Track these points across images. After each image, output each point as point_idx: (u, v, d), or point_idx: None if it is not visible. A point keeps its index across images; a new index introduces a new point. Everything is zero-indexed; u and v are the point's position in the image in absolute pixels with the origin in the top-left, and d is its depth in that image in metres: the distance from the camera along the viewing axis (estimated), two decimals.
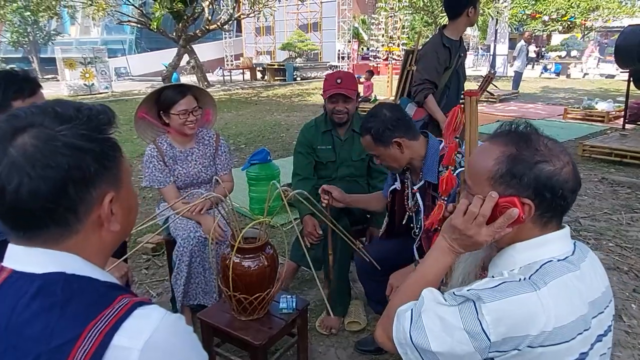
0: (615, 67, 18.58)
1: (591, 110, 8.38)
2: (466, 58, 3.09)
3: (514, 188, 0.87)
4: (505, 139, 0.90)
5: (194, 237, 2.13)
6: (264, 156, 3.73)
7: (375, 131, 1.72)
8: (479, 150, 0.96)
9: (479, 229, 0.89)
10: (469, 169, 0.96)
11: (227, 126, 8.21)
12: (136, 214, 0.80)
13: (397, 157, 1.76)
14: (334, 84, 2.37)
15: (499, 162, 0.88)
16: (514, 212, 0.85)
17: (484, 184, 0.90)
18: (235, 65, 20.07)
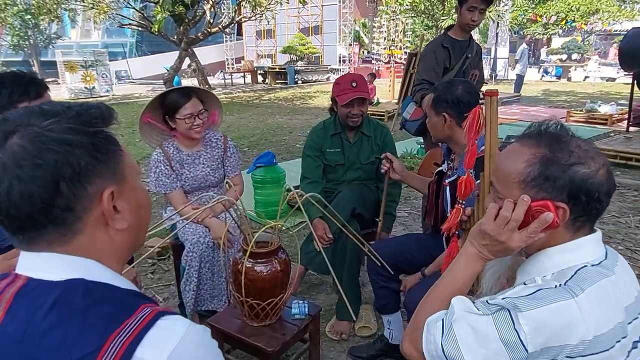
0: (616, 70, 18.69)
1: (594, 113, 8.37)
2: (480, 60, 3.00)
3: (547, 191, 0.84)
4: (537, 140, 0.87)
5: (204, 242, 2.09)
6: (269, 159, 3.70)
7: (438, 95, 1.77)
8: (508, 152, 0.91)
9: (512, 235, 0.86)
10: (496, 172, 0.93)
11: (230, 129, 8.18)
12: (148, 212, 0.76)
13: (438, 128, 1.80)
14: (349, 87, 2.33)
15: (531, 165, 0.85)
16: (548, 217, 0.82)
17: (514, 187, 0.87)
18: (236, 69, 20.07)
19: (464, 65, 2.88)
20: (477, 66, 2.97)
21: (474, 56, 2.93)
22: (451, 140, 1.82)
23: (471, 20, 2.71)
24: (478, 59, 2.98)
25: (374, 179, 2.56)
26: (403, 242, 2.09)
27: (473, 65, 2.92)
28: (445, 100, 1.75)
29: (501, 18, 17.77)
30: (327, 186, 2.53)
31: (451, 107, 1.74)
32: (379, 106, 9.39)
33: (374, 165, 2.52)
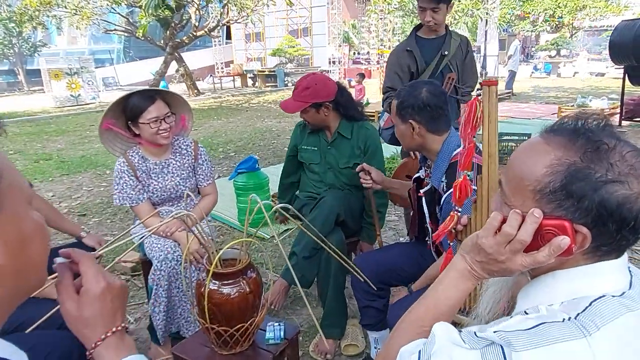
0: (605, 65, 18.72)
1: (585, 108, 8.27)
2: (470, 57, 2.74)
3: (567, 210, 0.66)
4: (567, 140, 0.67)
5: (172, 259, 1.92)
6: (251, 164, 3.53)
7: (402, 102, 1.63)
8: (527, 148, 0.72)
9: (513, 256, 0.70)
10: (508, 171, 0.73)
11: (217, 134, 8.01)
12: (40, 246, 0.58)
13: (407, 137, 1.67)
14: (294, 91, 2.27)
15: (553, 172, 0.66)
16: (562, 242, 0.65)
17: (527, 195, 0.69)
18: (225, 73, 19.87)
19: (441, 65, 2.64)
20: (466, 64, 2.72)
21: (457, 54, 2.67)
22: (423, 148, 1.67)
23: (425, 20, 2.55)
24: (464, 56, 2.72)
25: (358, 186, 2.40)
26: (389, 254, 1.93)
27: (457, 64, 2.67)
28: (410, 106, 1.59)
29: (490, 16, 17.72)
30: (309, 189, 2.38)
31: (417, 112, 1.59)
32: (369, 106, 9.26)
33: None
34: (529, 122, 8.09)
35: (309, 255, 2.13)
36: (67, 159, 6.37)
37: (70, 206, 4.35)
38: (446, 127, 1.64)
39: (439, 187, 1.58)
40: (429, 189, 1.69)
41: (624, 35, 6.12)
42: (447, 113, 1.63)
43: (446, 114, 1.62)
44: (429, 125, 1.60)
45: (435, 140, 1.63)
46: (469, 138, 1.05)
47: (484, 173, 1.03)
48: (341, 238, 2.19)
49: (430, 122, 1.60)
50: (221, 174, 5.32)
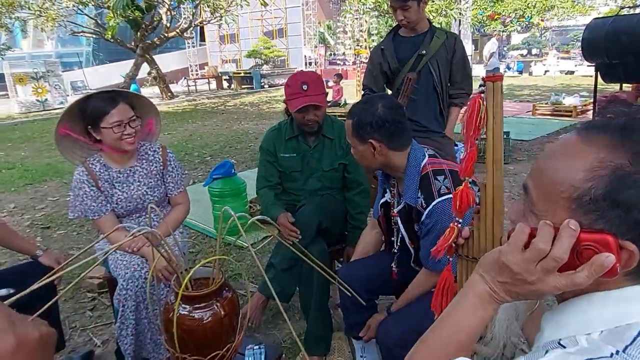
0: (574, 63, 19.19)
1: (559, 105, 8.40)
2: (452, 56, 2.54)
3: (612, 223, 0.55)
4: (613, 139, 0.56)
5: (140, 277, 1.74)
6: (227, 169, 3.36)
7: (357, 121, 1.48)
8: (561, 147, 0.61)
9: (546, 276, 0.58)
10: (537, 174, 0.63)
11: (192, 137, 7.77)
12: None
13: (368, 158, 1.52)
14: (299, 91, 2.02)
15: (595, 177, 0.55)
16: (607, 261, 0.54)
17: (559, 203, 0.58)
18: (200, 75, 19.52)
19: (419, 65, 2.49)
20: (455, 64, 2.55)
21: (439, 53, 2.49)
22: (387, 166, 1.54)
23: (397, 19, 2.44)
24: (450, 55, 2.53)
25: (339, 188, 2.27)
26: (376, 263, 1.81)
27: (438, 64, 2.50)
28: (368, 124, 1.45)
29: (463, 16, 17.93)
30: (287, 198, 2.22)
31: (376, 130, 1.45)
32: (347, 107, 9.19)
33: (339, 172, 2.22)
34: (505, 120, 8.12)
35: (288, 267, 1.99)
36: (32, 167, 6.04)
37: (33, 218, 4.08)
38: (408, 142, 1.52)
39: (416, 204, 1.47)
40: (403, 207, 1.56)
41: (596, 33, 6.18)
42: (407, 126, 1.51)
43: (406, 128, 1.51)
44: (391, 143, 1.47)
45: (399, 157, 1.50)
46: (471, 141, 0.93)
47: (489, 180, 0.91)
48: (323, 248, 2.05)
49: (391, 139, 1.47)
50: (197, 180, 5.12)
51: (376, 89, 2.60)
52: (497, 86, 0.88)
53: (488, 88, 0.89)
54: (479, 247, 0.93)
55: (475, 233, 0.93)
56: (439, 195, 1.40)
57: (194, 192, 4.47)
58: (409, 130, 1.53)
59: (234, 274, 2.84)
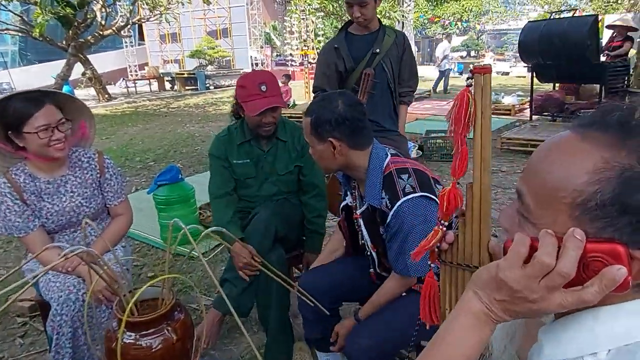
0: (509, 64, 20.31)
1: (498, 104, 8.78)
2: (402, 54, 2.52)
3: (621, 231, 0.49)
4: (615, 136, 0.51)
5: (76, 300, 1.55)
6: (173, 175, 3.16)
7: (316, 119, 1.41)
8: (557, 146, 0.56)
9: (549, 294, 0.51)
10: (532, 178, 0.56)
11: (133, 142, 7.35)
12: None
13: (328, 158, 1.45)
14: (257, 92, 1.89)
15: (601, 180, 0.49)
16: (619, 274, 0.47)
17: (560, 210, 0.52)
18: (140, 76, 18.64)
19: (373, 64, 2.45)
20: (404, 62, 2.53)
21: (391, 51, 2.48)
22: (348, 167, 1.47)
23: (354, 17, 2.38)
24: (400, 53, 2.52)
25: (295, 192, 2.17)
26: (340, 268, 1.72)
27: (391, 62, 2.49)
28: (327, 122, 1.38)
29: (406, 18, 18.42)
30: (241, 205, 2.09)
31: (336, 128, 1.39)
32: (296, 108, 9.10)
33: (294, 175, 2.12)
34: None
35: (245, 280, 1.86)
36: None
37: None
38: (370, 141, 1.46)
39: (381, 205, 1.41)
40: (366, 208, 1.49)
41: (531, 36, 6.52)
42: (368, 125, 1.45)
43: (367, 126, 1.45)
44: (351, 141, 1.41)
45: (360, 156, 1.44)
46: (461, 139, 0.85)
47: (476, 181, 0.84)
48: (281, 255, 1.95)
49: (351, 137, 1.40)
50: (139, 187, 4.82)
51: (330, 90, 2.52)
52: (486, 79, 0.81)
53: (476, 81, 0.82)
54: (463, 252, 0.86)
55: (460, 238, 0.86)
56: (404, 194, 1.34)
57: (136, 200, 4.19)
58: (370, 129, 1.46)
59: (184, 287, 2.66)
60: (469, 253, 0.82)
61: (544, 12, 19.55)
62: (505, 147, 5.77)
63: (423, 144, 5.48)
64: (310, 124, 1.43)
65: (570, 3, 19.36)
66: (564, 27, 6.07)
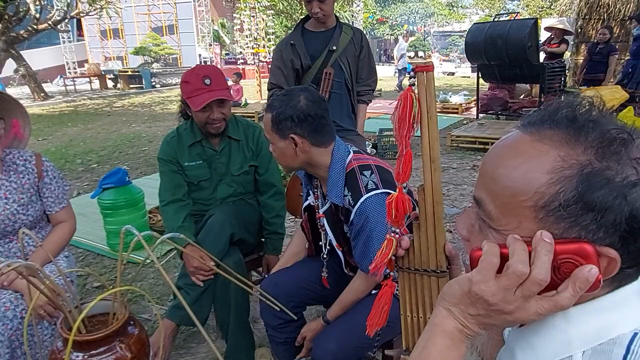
0: (454, 65, 21.13)
1: (447, 103, 9.09)
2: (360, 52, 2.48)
3: (586, 229, 0.48)
4: (568, 133, 0.50)
5: (14, 317, 1.40)
6: (120, 177, 2.97)
7: (278, 114, 1.36)
8: (511, 148, 0.54)
9: (526, 303, 0.50)
10: (490, 182, 0.54)
11: (73, 143, 6.91)
12: None
13: (289, 155, 1.40)
14: (201, 86, 1.80)
15: (561, 179, 0.48)
16: (591, 275, 0.46)
17: (524, 214, 0.50)
18: (80, 73, 17.61)
19: (330, 61, 2.41)
20: (362, 60, 2.49)
21: (348, 49, 2.43)
22: (310, 164, 1.43)
23: (313, 12, 2.33)
24: (358, 51, 2.47)
25: (252, 192, 2.10)
26: (303, 270, 1.67)
27: (348, 60, 2.44)
28: (289, 118, 1.34)
29: (355, 18, 18.65)
30: (194, 208, 1.99)
31: (298, 125, 1.35)
32: (248, 107, 8.95)
33: (250, 175, 2.05)
34: None
35: (200, 286, 1.77)
36: None
37: None
38: (332, 138, 1.43)
39: (343, 202, 1.38)
40: (329, 207, 1.47)
41: (476, 37, 6.78)
42: (330, 121, 1.43)
43: (330, 123, 1.42)
44: (314, 138, 1.37)
45: (322, 154, 1.41)
46: (405, 141, 0.82)
47: (426, 182, 0.81)
48: (239, 259, 1.87)
49: (314, 135, 1.37)
50: (81, 191, 4.52)
51: (287, 87, 2.46)
52: (429, 77, 0.79)
53: (419, 80, 0.79)
54: (420, 257, 0.84)
55: (416, 242, 0.84)
56: (367, 191, 1.33)
57: (78, 205, 3.93)
58: (332, 126, 1.43)
59: (134, 296, 2.51)
60: (426, 257, 0.81)
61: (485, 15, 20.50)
62: (455, 144, 5.96)
63: (376, 142, 5.55)
64: (271, 120, 1.37)
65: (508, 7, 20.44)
66: (507, 29, 6.36)
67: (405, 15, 28.71)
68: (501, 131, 5.76)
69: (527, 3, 17.76)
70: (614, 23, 7.41)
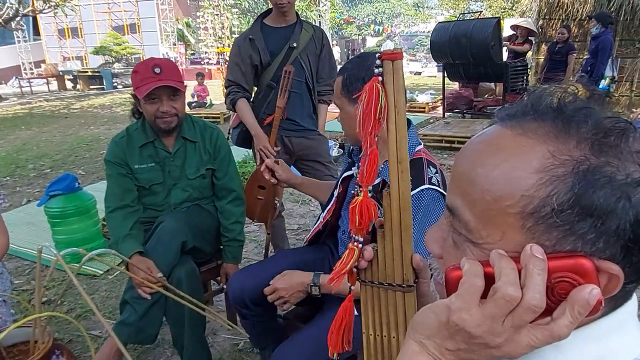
0: (420, 65, 21.44)
1: (413, 102, 9.15)
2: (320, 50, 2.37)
3: (583, 239, 0.39)
4: (553, 125, 0.42)
5: None
6: (68, 183, 2.77)
7: (350, 76, 1.29)
8: (491, 145, 0.45)
9: (517, 334, 0.40)
10: (467, 187, 0.45)
11: (26, 147, 6.54)
12: None
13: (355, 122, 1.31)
14: (150, 75, 1.68)
15: (551, 180, 0.39)
16: (591, 296, 0.38)
17: (508, 223, 0.41)
18: (36, 74, 16.84)
19: (290, 59, 2.29)
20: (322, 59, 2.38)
21: (309, 47, 2.32)
22: None
23: (278, 4, 2.20)
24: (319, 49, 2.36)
25: (209, 197, 1.97)
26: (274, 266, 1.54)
27: (309, 58, 2.33)
28: (362, 79, 1.26)
29: (322, 18, 18.63)
30: (145, 215, 1.84)
31: None
32: (213, 108, 8.74)
33: (207, 179, 1.93)
34: None
35: (148, 300, 1.63)
36: None
37: None
38: None
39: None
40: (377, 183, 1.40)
41: (441, 36, 6.83)
42: None
43: None
44: None
45: None
46: (371, 139, 0.73)
47: (393, 186, 0.73)
48: (192, 270, 1.74)
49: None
50: (32, 198, 4.25)
51: (246, 85, 2.34)
52: (397, 66, 0.70)
53: (386, 69, 0.70)
54: (385, 269, 0.75)
55: (380, 253, 0.74)
56: (430, 183, 1.25)
57: (27, 214, 3.70)
58: None
59: (84, 310, 2.33)
60: (391, 270, 0.72)
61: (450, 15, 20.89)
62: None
63: (344, 142, 5.48)
64: (342, 83, 1.31)
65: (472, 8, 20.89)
66: (470, 28, 6.43)
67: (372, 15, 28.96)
68: (467, 129, 5.82)
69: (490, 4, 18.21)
70: (572, 23, 7.63)
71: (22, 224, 3.47)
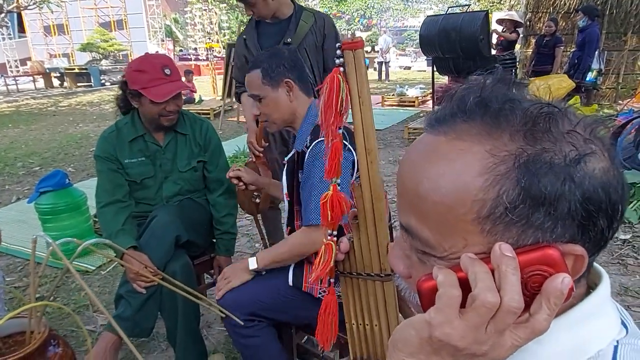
0: (410, 59, 21.48)
1: (404, 96, 9.20)
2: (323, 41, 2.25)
3: (542, 228, 0.40)
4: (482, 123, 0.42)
5: None
6: (58, 180, 2.76)
7: (268, 66, 1.43)
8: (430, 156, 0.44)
9: (501, 338, 0.40)
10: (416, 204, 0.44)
11: (14, 145, 6.46)
12: None
13: (282, 105, 1.45)
14: (161, 76, 1.68)
15: (498, 178, 0.39)
16: (564, 285, 0.38)
17: (467, 230, 0.41)
18: (22, 72, 16.61)
19: None
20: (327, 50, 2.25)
21: (308, 39, 2.20)
22: (294, 115, 1.47)
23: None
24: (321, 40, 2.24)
25: (201, 190, 1.98)
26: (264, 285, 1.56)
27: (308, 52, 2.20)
28: (280, 64, 1.41)
29: None
30: (138, 209, 1.85)
31: (289, 70, 1.42)
32: (203, 104, 8.69)
33: (199, 172, 1.93)
34: None
35: (143, 294, 1.64)
36: None
37: None
38: (311, 92, 1.50)
39: (303, 145, 1.39)
40: (292, 156, 1.47)
41: (430, 30, 6.84)
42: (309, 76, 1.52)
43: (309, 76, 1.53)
44: (301, 83, 1.45)
45: (305, 103, 1.47)
46: (332, 131, 0.73)
47: (363, 177, 0.73)
48: (186, 263, 1.75)
49: (301, 82, 1.45)
50: (21, 196, 4.21)
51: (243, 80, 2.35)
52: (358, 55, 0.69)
53: (347, 59, 0.69)
54: (362, 260, 0.76)
55: (356, 244, 0.75)
56: None
57: (18, 211, 3.67)
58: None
59: (78, 306, 2.33)
60: (368, 260, 0.73)
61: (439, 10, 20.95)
62: (412, 137, 6.01)
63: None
64: (261, 72, 1.42)
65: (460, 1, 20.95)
66: (459, 21, 6.46)
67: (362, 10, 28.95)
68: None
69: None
70: (559, 16, 7.70)
71: (12, 222, 3.44)
